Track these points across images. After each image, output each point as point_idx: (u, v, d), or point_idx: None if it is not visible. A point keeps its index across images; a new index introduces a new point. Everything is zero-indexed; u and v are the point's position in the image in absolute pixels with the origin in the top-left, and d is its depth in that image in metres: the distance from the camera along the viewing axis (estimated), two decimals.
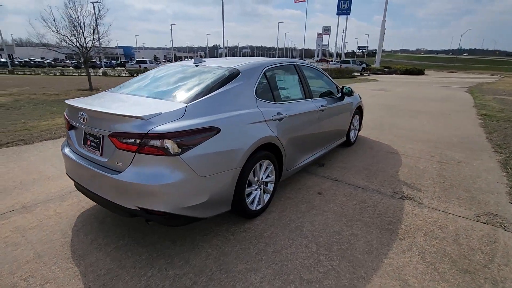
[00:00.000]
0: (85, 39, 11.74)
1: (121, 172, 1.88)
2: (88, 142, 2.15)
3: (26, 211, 2.63)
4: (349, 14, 58.79)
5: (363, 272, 1.95)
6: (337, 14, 59.51)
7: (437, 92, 13.50)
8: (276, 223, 2.51)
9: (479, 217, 2.66)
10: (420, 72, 32.51)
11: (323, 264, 2.01)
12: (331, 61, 48.24)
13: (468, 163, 4.02)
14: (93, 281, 1.83)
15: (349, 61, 33.96)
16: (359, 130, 5.05)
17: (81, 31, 11.78)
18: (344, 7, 58.35)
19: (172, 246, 2.18)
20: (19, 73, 27.17)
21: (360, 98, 4.92)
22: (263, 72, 2.68)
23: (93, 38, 12.02)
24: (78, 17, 11.37)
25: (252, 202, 2.49)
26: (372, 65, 41.01)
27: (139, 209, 1.87)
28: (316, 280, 1.87)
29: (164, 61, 79.58)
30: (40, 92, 11.71)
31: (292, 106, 2.90)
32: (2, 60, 43.45)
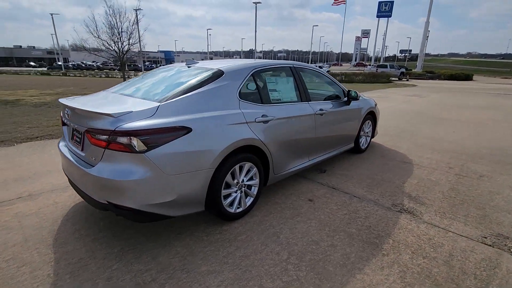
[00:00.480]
0: (122, 43, 12.61)
1: (93, 166, 1.97)
2: (74, 137, 2.29)
3: (30, 199, 2.87)
4: (390, 17, 56.21)
5: (328, 286, 1.82)
6: (377, 17, 57.19)
7: (481, 99, 12.32)
8: (255, 227, 2.45)
9: (485, 238, 2.36)
10: (467, 78, 29.93)
11: (289, 274, 1.92)
12: (369, 65, 46.42)
13: (491, 178, 3.60)
14: (63, 268, 1.93)
15: (386, 65, 32.38)
16: (372, 136, 4.78)
17: (118, 36, 12.68)
18: (385, 9, 55.91)
19: (145, 242, 2.23)
20: (70, 75, 29.96)
21: (375, 103, 4.66)
22: (250, 74, 2.66)
23: (129, 43, 12.87)
24: (116, 23, 12.28)
25: (231, 205, 2.46)
26: (413, 70, 38.69)
27: (108, 203, 1.95)
28: None
29: None
30: (81, 92, 12.77)
31: (282, 109, 2.83)
32: (58, 63, 48.32)
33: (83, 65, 51.91)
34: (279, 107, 2.82)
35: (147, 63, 64.33)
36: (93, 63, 57.28)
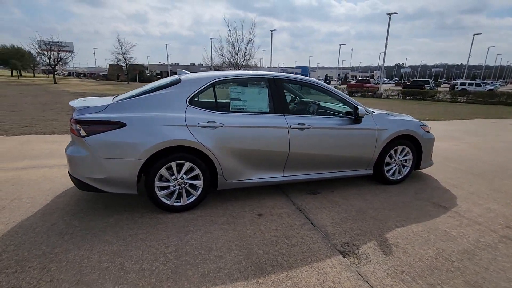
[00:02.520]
0: (238, 60, 14.65)
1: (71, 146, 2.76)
2: None
3: (39, 168, 3.98)
4: None
5: (168, 285, 1.88)
6: None
7: None
8: (178, 223, 2.65)
9: None
10: None
11: (153, 263, 2.08)
12: None
13: None
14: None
15: None
16: (417, 167, 3.84)
17: (237, 53, 14.79)
18: None
19: (99, 208, 2.87)
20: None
21: (422, 125, 3.76)
22: (209, 83, 2.88)
23: (244, 59, 14.79)
24: (237, 42, 14.42)
25: (168, 197, 2.77)
26: None
27: (68, 174, 2.69)
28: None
29: (336, 80, 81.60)
30: None
31: (239, 118, 2.89)
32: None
33: None
34: (236, 116, 2.89)
35: None
36: None
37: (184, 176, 2.79)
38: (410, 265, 2.14)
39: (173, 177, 2.75)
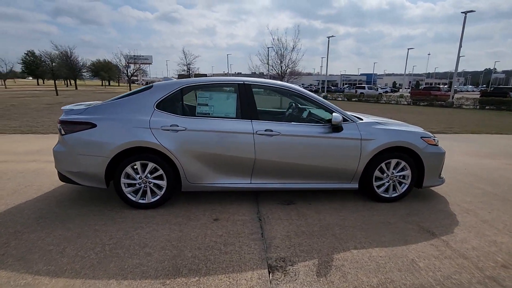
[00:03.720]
0: (281, 67, 14.68)
1: None
2: None
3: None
4: None
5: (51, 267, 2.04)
6: None
7: None
8: (133, 217, 2.82)
9: None
10: None
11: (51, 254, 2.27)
12: None
13: None
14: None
15: None
16: (419, 185, 3.34)
17: (282, 61, 14.85)
18: None
19: (58, 209, 3.24)
20: None
21: (426, 136, 3.28)
22: (177, 89, 3.02)
23: (287, 66, 14.75)
24: (281, 49, 14.50)
25: (134, 194, 2.98)
26: None
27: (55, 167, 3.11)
28: None
29: (406, 88, 74.68)
30: None
31: (202, 123, 2.95)
32: None
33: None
34: (200, 120, 2.96)
35: (345, 85, 66.91)
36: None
37: (149, 175, 2.96)
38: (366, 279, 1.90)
39: (138, 176, 2.95)
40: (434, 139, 3.35)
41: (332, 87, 59.34)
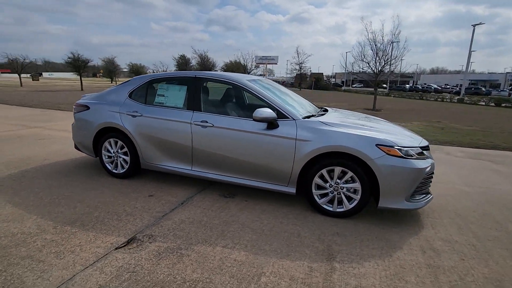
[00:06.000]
0: (380, 64, 13.02)
1: None
2: None
3: None
4: None
5: None
6: None
7: None
8: (91, 182, 3.55)
9: None
10: None
11: None
12: None
13: None
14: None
15: None
16: (377, 201, 2.71)
17: (379, 57, 13.20)
18: None
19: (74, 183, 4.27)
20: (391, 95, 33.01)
21: (380, 144, 2.63)
22: (145, 82, 3.56)
23: (386, 62, 12.92)
24: (375, 44, 12.88)
25: (113, 166, 3.73)
26: None
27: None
28: None
29: None
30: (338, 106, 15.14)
31: (154, 111, 3.38)
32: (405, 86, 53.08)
33: (420, 88, 53.29)
34: (154, 108, 3.40)
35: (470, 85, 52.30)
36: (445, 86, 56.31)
37: (119, 151, 3.66)
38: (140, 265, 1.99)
39: (112, 150, 3.69)
40: (401, 149, 2.61)
41: (483, 88, 47.55)
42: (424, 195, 2.81)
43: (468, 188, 3.84)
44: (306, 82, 51.71)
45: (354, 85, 65.22)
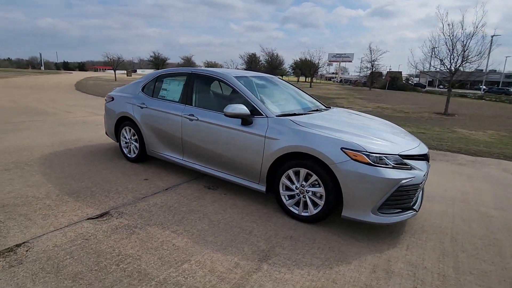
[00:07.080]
0: (455, 62, 11.19)
1: None
2: None
3: None
4: None
5: None
6: None
7: None
8: (107, 162, 4.09)
9: None
10: None
11: None
12: None
13: None
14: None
15: None
16: (343, 208, 2.51)
17: (457, 54, 11.38)
18: None
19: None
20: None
21: (346, 148, 2.41)
22: (156, 77, 3.94)
23: (463, 59, 11.02)
24: (450, 38, 11.08)
25: (128, 151, 4.26)
26: None
27: None
28: None
29: None
30: (397, 108, 13.68)
31: (156, 103, 3.73)
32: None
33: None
34: (157, 101, 3.75)
35: None
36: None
37: (132, 137, 4.15)
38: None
39: (127, 137, 4.21)
40: (369, 155, 2.34)
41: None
42: (400, 210, 2.45)
43: (496, 212, 3.15)
44: (381, 81, 47.63)
45: (440, 86, 57.30)
